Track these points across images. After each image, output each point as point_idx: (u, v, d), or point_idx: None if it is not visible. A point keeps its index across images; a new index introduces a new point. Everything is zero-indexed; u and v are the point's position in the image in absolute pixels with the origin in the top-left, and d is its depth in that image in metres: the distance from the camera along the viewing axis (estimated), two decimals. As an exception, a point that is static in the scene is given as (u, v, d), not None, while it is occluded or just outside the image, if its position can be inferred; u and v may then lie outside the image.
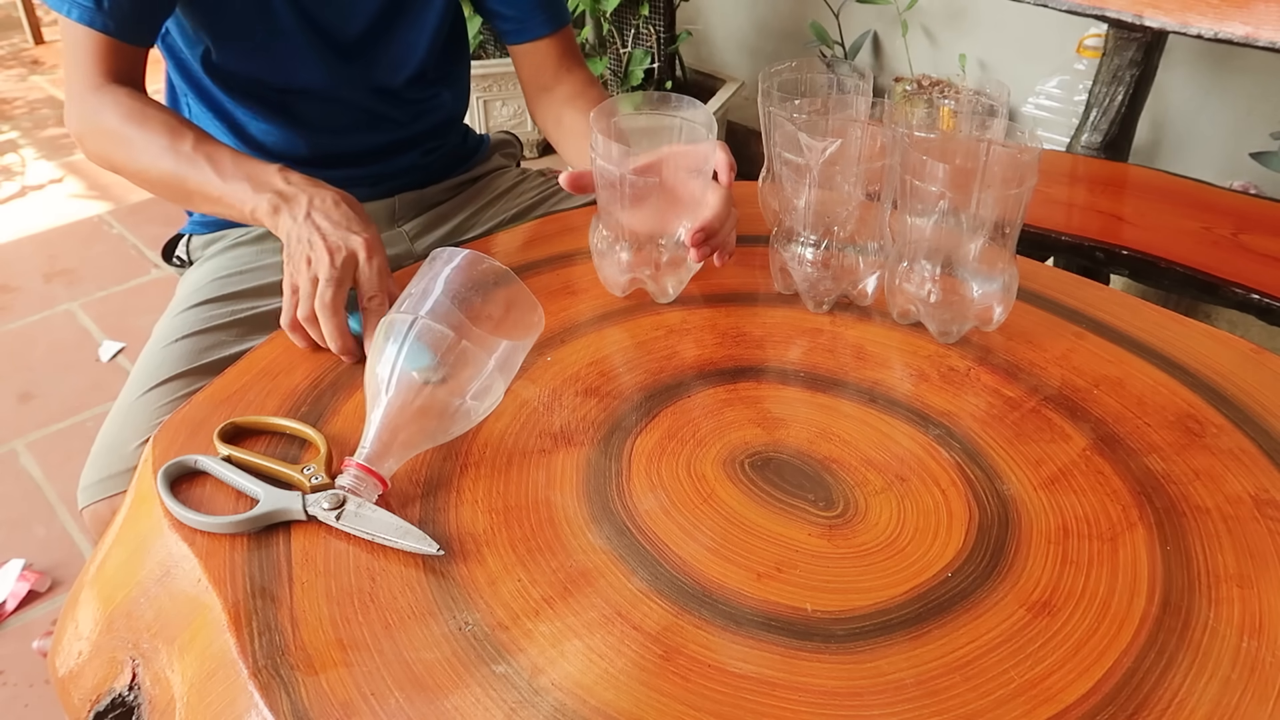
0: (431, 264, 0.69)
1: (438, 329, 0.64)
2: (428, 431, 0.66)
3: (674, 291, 0.86)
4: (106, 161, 0.94)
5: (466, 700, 0.52)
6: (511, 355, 0.67)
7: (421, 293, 0.66)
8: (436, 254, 0.69)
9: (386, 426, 0.64)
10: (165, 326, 0.97)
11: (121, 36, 0.91)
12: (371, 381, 0.66)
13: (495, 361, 0.66)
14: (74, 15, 0.89)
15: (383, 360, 0.65)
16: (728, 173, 0.85)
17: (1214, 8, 1.13)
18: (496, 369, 0.66)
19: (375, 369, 0.65)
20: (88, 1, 0.88)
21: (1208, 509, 0.65)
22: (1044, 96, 2.06)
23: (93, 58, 0.91)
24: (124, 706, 0.61)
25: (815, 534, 0.62)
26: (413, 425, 0.64)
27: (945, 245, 0.76)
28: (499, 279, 0.69)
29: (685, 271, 0.85)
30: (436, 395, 0.65)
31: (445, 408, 0.65)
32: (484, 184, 1.18)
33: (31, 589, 1.46)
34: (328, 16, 0.99)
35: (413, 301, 0.66)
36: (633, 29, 2.44)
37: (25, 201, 2.61)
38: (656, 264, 0.84)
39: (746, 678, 0.53)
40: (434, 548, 0.59)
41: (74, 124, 0.94)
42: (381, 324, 0.67)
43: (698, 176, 0.80)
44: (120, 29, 0.90)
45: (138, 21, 0.92)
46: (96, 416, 1.80)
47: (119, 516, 0.70)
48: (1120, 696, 0.52)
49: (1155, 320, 0.84)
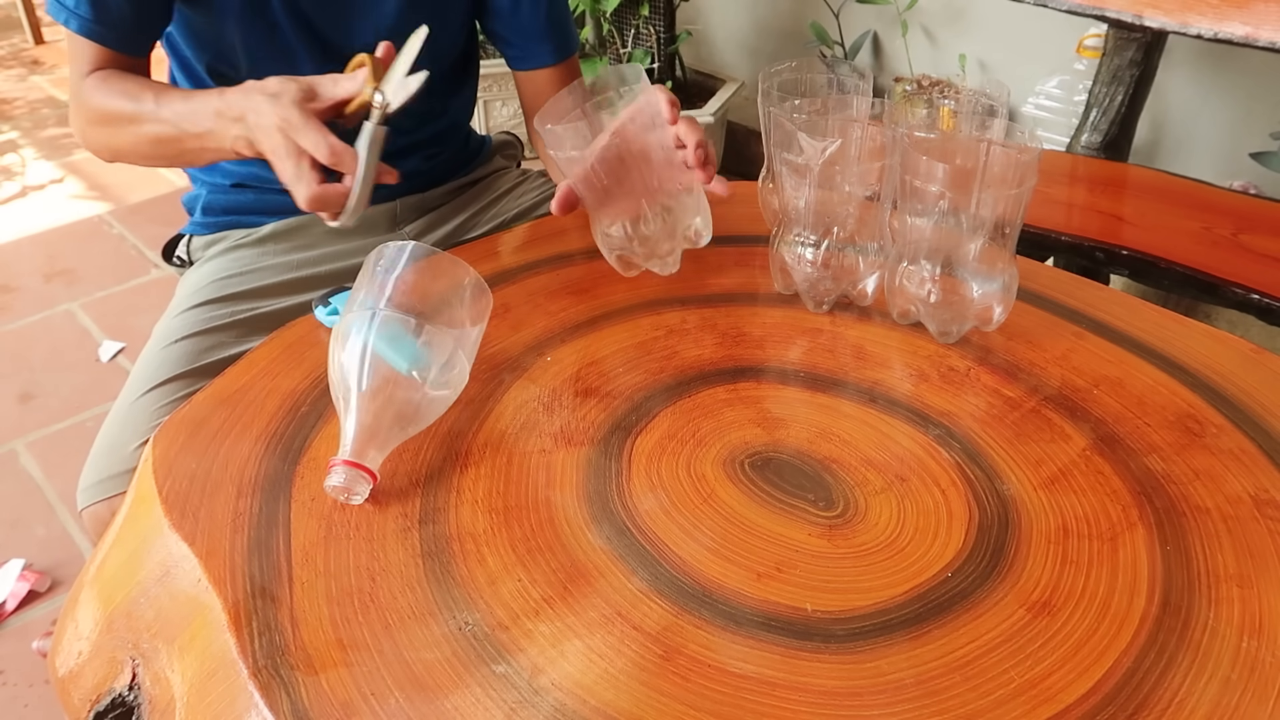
0: (379, 260, 0.70)
1: (400, 318, 0.66)
2: (403, 420, 0.66)
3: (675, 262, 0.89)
4: (108, 149, 0.95)
5: (466, 700, 0.52)
6: (470, 335, 0.70)
7: (374, 290, 0.68)
8: (378, 251, 0.70)
9: (362, 421, 0.64)
10: (165, 327, 0.97)
11: (119, 47, 0.92)
12: (338, 382, 0.66)
13: (457, 343, 0.68)
14: (72, 26, 0.90)
15: (346, 358, 0.66)
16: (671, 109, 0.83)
17: (1214, 8, 1.13)
18: (460, 350, 0.68)
19: (340, 368, 0.66)
20: (85, 13, 0.89)
21: (1208, 509, 0.65)
22: (1044, 96, 2.06)
23: (91, 66, 0.92)
24: (124, 706, 0.61)
25: (815, 534, 0.62)
26: (387, 416, 0.65)
27: (945, 245, 0.76)
28: (441, 265, 0.71)
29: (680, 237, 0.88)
30: (407, 384, 0.65)
31: (416, 395, 0.66)
32: (485, 185, 1.18)
33: (31, 589, 1.46)
34: (337, 39, 0.99)
35: (365, 300, 0.67)
36: (633, 29, 2.44)
37: (25, 201, 2.61)
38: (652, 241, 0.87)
39: (746, 678, 0.53)
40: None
41: (76, 125, 0.95)
42: (337, 328, 0.68)
43: (655, 128, 0.82)
44: (118, 40, 0.92)
45: (135, 33, 0.93)
46: (96, 416, 1.80)
47: (119, 517, 0.70)
48: (1120, 696, 0.52)
49: (1155, 320, 0.84)
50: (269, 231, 1.06)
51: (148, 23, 0.93)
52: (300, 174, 0.76)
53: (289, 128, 0.77)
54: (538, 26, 1.07)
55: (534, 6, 1.06)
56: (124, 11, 0.90)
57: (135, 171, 2.62)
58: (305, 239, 1.07)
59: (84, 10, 0.89)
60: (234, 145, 0.83)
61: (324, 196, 0.77)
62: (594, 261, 0.91)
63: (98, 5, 0.89)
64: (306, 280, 1.03)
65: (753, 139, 2.50)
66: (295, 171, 0.77)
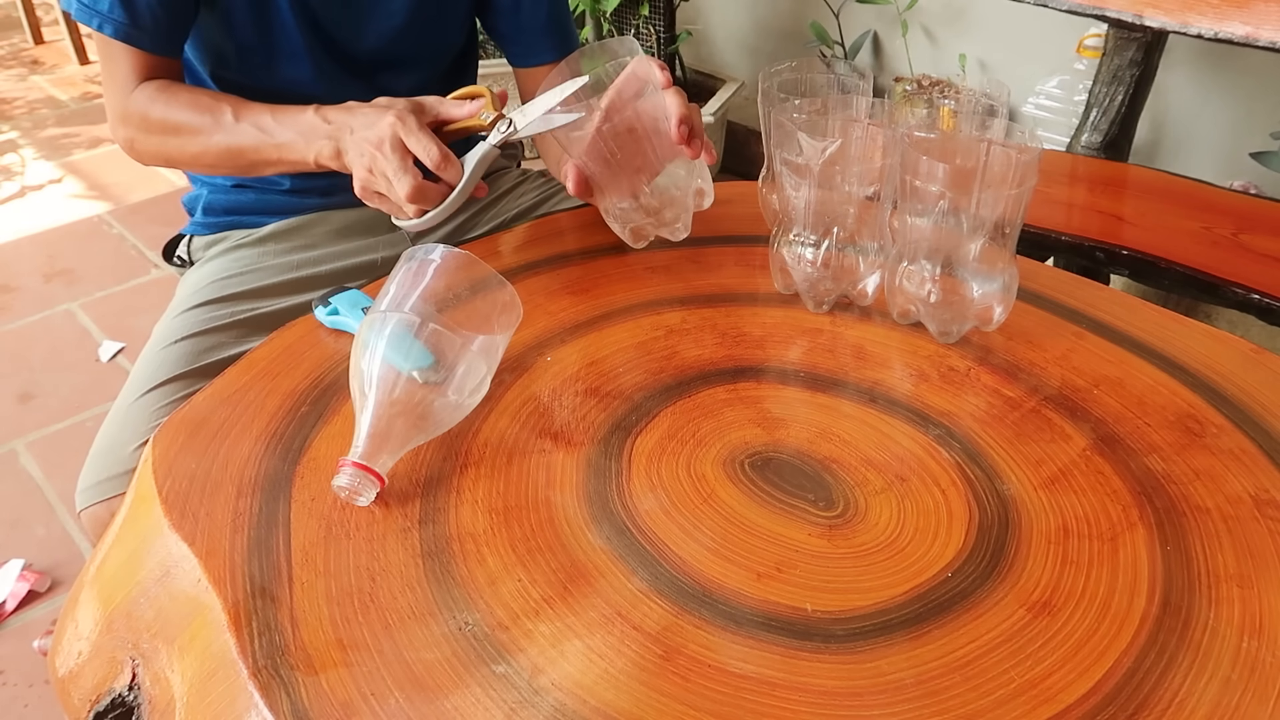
0: (408, 263, 0.69)
1: (425, 326, 0.65)
2: (418, 427, 0.66)
3: (685, 227, 0.91)
4: (162, 158, 0.96)
5: (466, 700, 0.52)
6: (495, 346, 0.69)
7: (403, 292, 0.67)
8: (410, 253, 0.70)
9: (377, 424, 0.64)
10: (165, 328, 0.97)
11: (154, 49, 0.93)
12: (358, 381, 0.66)
13: (481, 353, 0.67)
14: (107, 31, 0.90)
15: (368, 358, 0.65)
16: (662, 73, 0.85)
17: (1214, 8, 1.13)
18: (482, 361, 0.67)
19: (361, 368, 0.66)
20: (121, 18, 0.89)
21: (1208, 509, 0.65)
22: (1044, 96, 2.06)
23: (131, 71, 0.93)
24: (124, 706, 0.61)
25: (815, 534, 0.62)
26: (402, 421, 0.65)
27: (945, 245, 0.76)
28: (475, 272, 0.71)
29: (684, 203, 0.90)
30: (426, 390, 0.65)
31: (435, 402, 0.66)
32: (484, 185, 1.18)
33: (31, 589, 1.46)
34: (341, 40, 0.99)
35: (393, 300, 0.67)
36: (633, 29, 2.44)
37: (25, 201, 2.61)
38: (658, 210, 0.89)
39: (746, 678, 0.53)
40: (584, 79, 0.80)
41: (121, 133, 0.95)
42: (363, 324, 0.67)
43: (645, 98, 0.83)
44: (153, 43, 0.92)
45: (169, 33, 0.93)
46: (96, 416, 1.80)
47: (119, 517, 0.70)
48: (1120, 696, 0.52)
49: (1155, 320, 0.84)
50: (269, 231, 1.06)
51: (178, 22, 0.93)
52: (405, 168, 0.80)
53: (401, 129, 0.80)
54: (539, 24, 1.07)
55: (535, 5, 1.06)
56: (156, 13, 0.90)
57: (135, 171, 2.62)
58: (306, 239, 1.07)
59: (118, 15, 0.89)
60: (315, 156, 0.86)
61: (425, 190, 0.81)
62: (594, 261, 0.91)
63: (130, 8, 0.89)
64: (306, 280, 1.03)
65: (753, 139, 2.50)
66: (400, 166, 0.80)
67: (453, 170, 0.81)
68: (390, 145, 0.80)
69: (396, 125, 0.81)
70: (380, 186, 0.83)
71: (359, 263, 1.06)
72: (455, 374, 0.66)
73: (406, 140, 0.81)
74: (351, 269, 1.05)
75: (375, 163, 0.82)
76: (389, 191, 0.82)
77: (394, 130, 0.81)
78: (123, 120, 0.94)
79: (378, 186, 0.83)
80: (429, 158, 0.80)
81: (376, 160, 0.81)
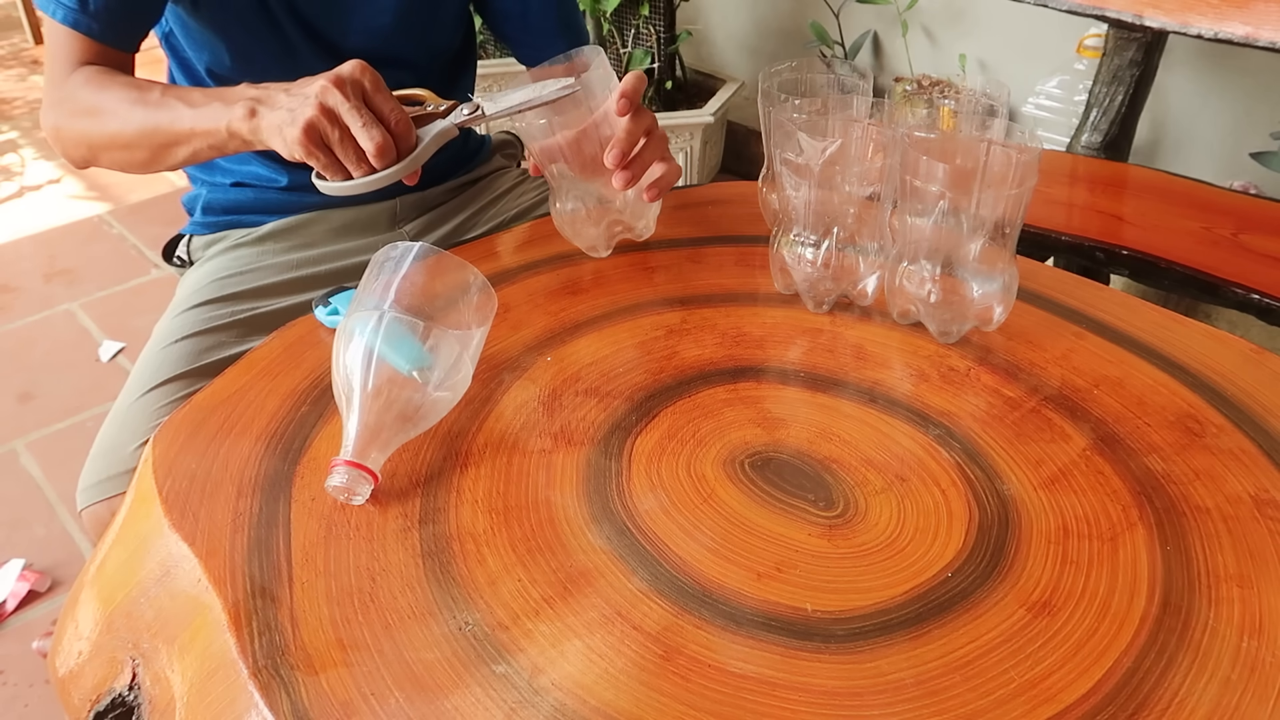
0: (385, 260, 0.70)
1: (407, 320, 0.66)
2: (407, 421, 0.66)
3: (647, 227, 0.92)
4: (84, 143, 0.90)
5: (466, 700, 0.52)
6: (474, 338, 0.69)
7: (381, 289, 0.67)
8: (387, 249, 0.70)
9: (365, 422, 0.64)
10: (165, 328, 0.97)
11: (105, 40, 0.89)
12: (343, 380, 0.66)
13: (461, 346, 0.68)
14: (58, 16, 0.87)
15: (351, 357, 0.65)
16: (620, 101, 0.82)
17: (1214, 8, 1.13)
18: (462, 351, 0.68)
19: (345, 366, 0.66)
20: (72, 3, 0.87)
21: (1208, 509, 0.65)
22: (1044, 96, 2.06)
23: (70, 57, 0.89)
24: (124, 706, 0.61)
25: (815, 534, 0.62)
26: (389, 416, 0.65)
27: (945, 245, 0.76)
28: (447, 266, 0.71)
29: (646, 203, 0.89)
30: (411, 385, 0.65)
31: (420, 397, 0.66)
32: (485, 185, 1.18)
33: (31, 589, 1.46)
34: (328, 38, 0.99)
35: (374, 298, 0.67)
36: (633, 29, 2.43)
37: (25, 201, 2.61)
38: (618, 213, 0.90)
39: (746, 678, 0.53)
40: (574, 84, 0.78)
41: (47, 120, 0.91)
42: (343, 324, 0.68)
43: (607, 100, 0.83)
44: (104, 32, 0.89)
45: (124, 25, 0.90)
46: (96, 416, 1.80)
47: (119, 517, 0.70)
48: (1120, 696, 0.52)
49: (1155, 320, 0.84)
50: (269, 231, 1.06)
51: (136, 15, 0.91)
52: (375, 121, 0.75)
53: (369, 81, 0.76)
54: (549, 27, 1.07)
55: (545, 7, 1.06)
56: (111, 2, 0.87)
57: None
58: (305, 238, 1.07)
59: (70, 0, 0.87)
60: (229, 122, 0.80)
61: (387, 149, 0.76)
62: (594, 261, 0.91)
63: None
64: (306, 280, 1.03)
65: (753, 139, 2.50)
66: (371, 117, 0.75)
67: (410, 138, 0.78)
68: (354, 92, 0.75)
69: (365, 75, 0.76)
70: (332, 138, 0.75)
71: (359, 262, 1.06)
72: (438, 367, 0.67)
73: (374, 96, 0.76)
74: (351, 268, 1.05)
75: (340, 109, 0.75)
76: (342, 143, 0.75)
77: (363, 78, 0.76)
78: (52, 105, 0.90)
79: (330, 138, 0.75)
80: (394, 116, 0.76)
81: (341, 108, 0.75)
